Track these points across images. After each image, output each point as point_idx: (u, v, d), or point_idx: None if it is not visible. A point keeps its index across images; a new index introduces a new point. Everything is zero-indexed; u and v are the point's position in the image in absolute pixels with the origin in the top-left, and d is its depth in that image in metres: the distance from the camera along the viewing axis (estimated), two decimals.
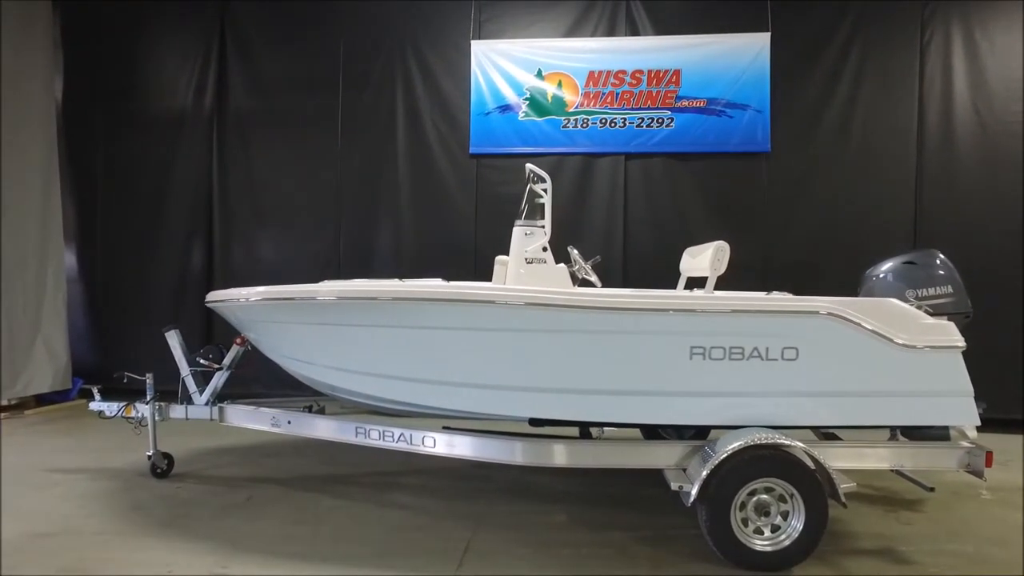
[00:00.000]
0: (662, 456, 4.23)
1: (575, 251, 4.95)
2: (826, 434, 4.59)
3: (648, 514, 4.67)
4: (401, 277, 4.89)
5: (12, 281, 7.62)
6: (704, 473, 3.75)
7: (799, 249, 7.64)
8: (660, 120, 7.78)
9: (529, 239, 4.66)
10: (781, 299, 4.26)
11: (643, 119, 7.79)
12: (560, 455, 4.30)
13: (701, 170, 7.83)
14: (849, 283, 4.78)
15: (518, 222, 4.74)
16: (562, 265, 4.74)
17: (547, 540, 4.24)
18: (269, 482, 5.31)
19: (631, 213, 7.86)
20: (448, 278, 5.02)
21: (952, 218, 7.37)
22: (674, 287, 5.27)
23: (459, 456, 4.45)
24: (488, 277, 5.12)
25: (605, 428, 4.90)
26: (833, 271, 7.12)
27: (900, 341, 3.95)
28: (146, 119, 8.55)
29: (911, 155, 7.52)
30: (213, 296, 5.18)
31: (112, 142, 8.57)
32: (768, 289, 5.20)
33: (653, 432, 5.25)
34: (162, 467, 5.36)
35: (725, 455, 3.75)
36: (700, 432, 4.69)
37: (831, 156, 7.67)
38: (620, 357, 4.08)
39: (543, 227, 4.67)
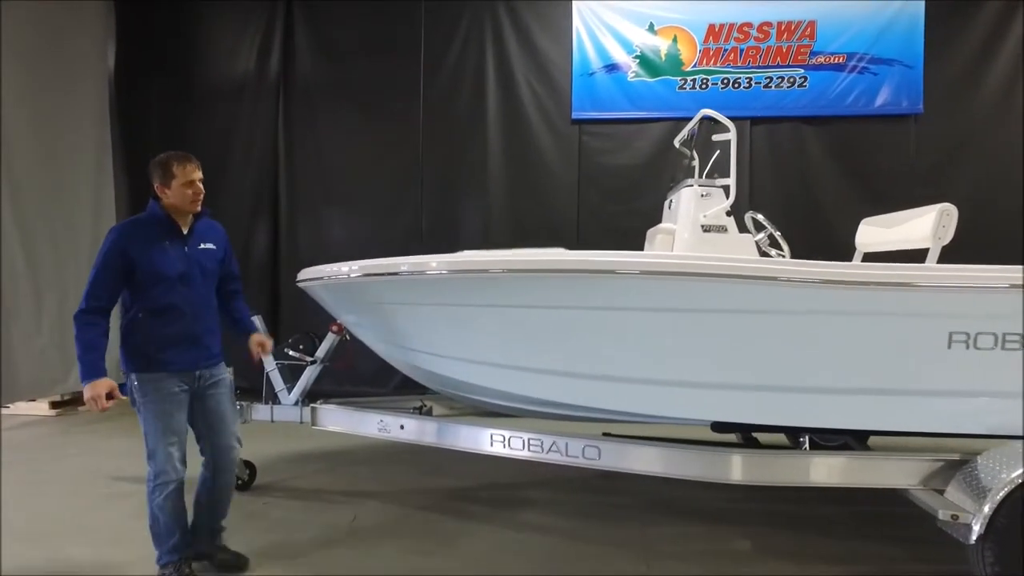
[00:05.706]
0: (893, 473, 3.32)
1: (759, 216, 4.04)
2: None
3: (843, 539, 3.80)
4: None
5: (65, 261, 6.93)
6: (988, 509, 2.83)
7: None
8: (791, 79, 6.83)
9: (706, 202, 3.76)
10: None
11: (771, 78, 6.85)
12: (745, 469, 3.44)
13: (838, 135, 6.89)
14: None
15: (690, 180, 3.83)
16: (747, 235, 3.83)
17: None
18: (370, 497, 4.45)
19: (757, 185, 6.88)
20: None
21: None
22: None
23: (636, 472, 3.54)
24: None
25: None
26: (992, 250, 6.04)
27: None
28: (205, 88, 7.76)
29: None
30: (306, 274, 4.34)
31: (168, 112, 7.76)
32: None
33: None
34: (243, 478, 4.54)
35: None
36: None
37: (996, 118, 6.67)
38: (850, 345, 3.19)
39: (726, 188, 3.76)
